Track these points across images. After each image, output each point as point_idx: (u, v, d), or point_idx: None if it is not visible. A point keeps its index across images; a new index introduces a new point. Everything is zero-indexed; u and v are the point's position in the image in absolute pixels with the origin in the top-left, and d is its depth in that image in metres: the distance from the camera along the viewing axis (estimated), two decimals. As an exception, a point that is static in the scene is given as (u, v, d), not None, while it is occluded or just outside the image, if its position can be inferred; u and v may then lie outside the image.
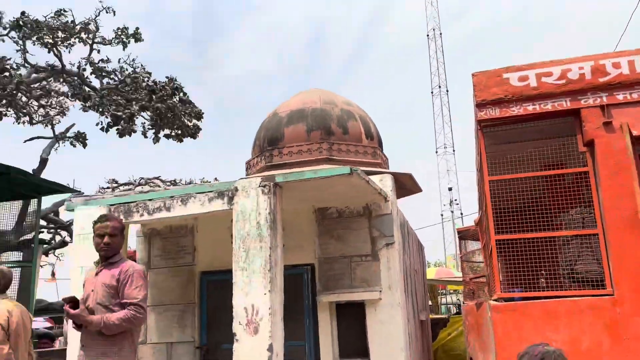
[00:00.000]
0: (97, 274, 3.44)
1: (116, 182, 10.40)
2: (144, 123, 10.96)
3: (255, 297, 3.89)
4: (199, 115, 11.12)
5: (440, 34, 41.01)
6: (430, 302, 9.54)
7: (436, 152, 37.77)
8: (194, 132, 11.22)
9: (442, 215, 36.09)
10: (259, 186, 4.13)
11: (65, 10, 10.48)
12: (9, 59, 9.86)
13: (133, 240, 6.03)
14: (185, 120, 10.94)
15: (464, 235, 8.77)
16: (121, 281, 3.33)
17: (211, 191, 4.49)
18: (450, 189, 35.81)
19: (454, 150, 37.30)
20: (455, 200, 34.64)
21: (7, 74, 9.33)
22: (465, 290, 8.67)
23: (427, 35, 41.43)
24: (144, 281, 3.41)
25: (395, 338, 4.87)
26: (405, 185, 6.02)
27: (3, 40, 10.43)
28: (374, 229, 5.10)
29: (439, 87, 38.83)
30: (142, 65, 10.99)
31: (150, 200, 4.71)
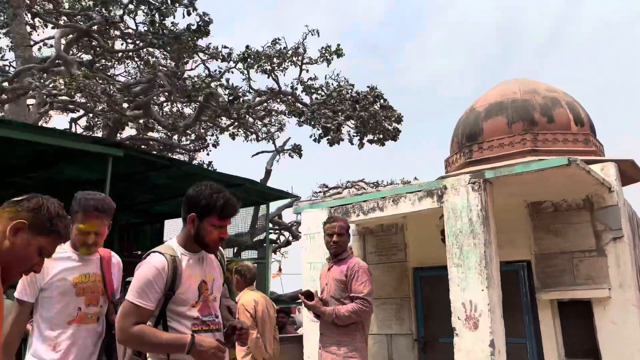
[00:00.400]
0: (329, 269, 4.06)
1: (326, 187, 11.36)
2: (349, 131, 11.69)
3: (473, 293, 4.12)
4: (398, 119, 11.44)
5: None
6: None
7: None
8: (394, 135, 11.57)
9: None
10: (469, 183, 4.33)
11: (278, 39, 11.86)
12: (240, 88, 11.45)
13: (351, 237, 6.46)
14: (386, 125, 11.30)
15: None
16: (349, 277, 3.92)
17: (420, 190, 4.81)
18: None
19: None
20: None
21: (239, 100, 10.88)
22: None
23: None
24: (368, 277, 3.89)
25: (632, 341, 4.66)
26: (626, 172, 5.57)
27: (232, 72, 12.19)
28: (598, 222, 4.94)
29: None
30: (345, 79, 11.81)
31: (364, 201, 5.21)
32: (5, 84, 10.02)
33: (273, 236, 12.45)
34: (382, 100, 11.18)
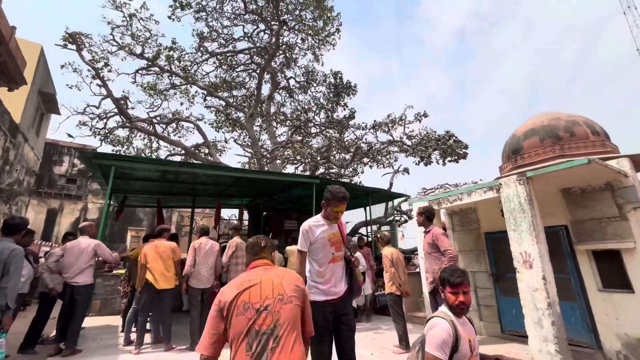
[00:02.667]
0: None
1: (425, 189, 10.77)
2: (436, 157, 10.95)
3: (526, 246, 3.59)
4: (466, 146, 10.43)
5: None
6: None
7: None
8: (464, 156, 10.61)
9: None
10: (516, 180, 3.82)
11: (391, 113, 12.07)
12: (374, 143, 11.62)
13: (443, 217, 6.13)
14: (458, 151, 10.42)
15: None
16: (434, 240, 3.67)
17: (484, 187, 4.37)
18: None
19: None
20: None
21: (372, 149, 10.99)
22: None
23: (637, 50, 28.86)
24: (444, 237, 3.72)
25: None
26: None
27: (368, 134, 12.50)
28: (619, 197, 3.97)
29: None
30: (431, 128, 11.46)
31: (449, 196, 4.85)
32: (267, 155, 11.43)
33: (398, 218, 12.11)
34: (454, 137, 10.43)
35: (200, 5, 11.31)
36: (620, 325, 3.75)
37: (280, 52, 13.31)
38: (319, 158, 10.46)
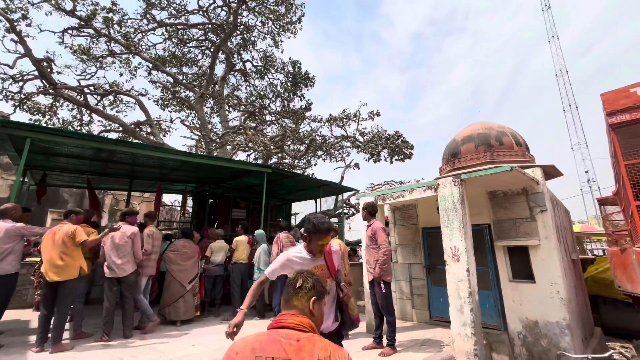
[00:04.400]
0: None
1: (373, 184, 11.22)
2: (384, 155, 11.48)
3: (456, 241, 3.97)
4: (412, 147, 11.10)
5: (567, 71, 33.74)
6: (577, 248, 7.56)
7: (572, 148, 31.30)
8: (410, 156, 11.31)
9: (581, 190, 31.56)
10: (452, 182, 4.18)
11: (346, 109, 12.32)
12: (328, 136, 11.69)
13: (387, 211, 6.44)
14: (405, 150, 11.06)
15: (603, 202, 6.84)
16: (373, 233, 4.01)
17: (424, 186, 4.72)
18: (587, 172, 29.70)
19: (587, 146, 32.04)
20: (593, 179, 31.24)
21: (326, 142, 11.07)
22: (609, 239, 6.70)
23: (556, 75, 34.43)
24: (382, 232, 3.96)
25: (554, 269, 4.33)
26: (549, 172, 5.10)
27: (322, 128, 12.41)
28: (531, 202, 4.59)
29: (569, 106, 32.65)
30: (382, 127, 11.80)
31: (393, 192, 5.13)
32: (217, 140, 10.88)
33: (346, 211, 12.50)
34: (402, 138, 11.05)
35: (149, -33, 10.15)
36: (522, 311, 4.41)
37: (238, 32, 12.64)
38: (272, 147, 10.27)
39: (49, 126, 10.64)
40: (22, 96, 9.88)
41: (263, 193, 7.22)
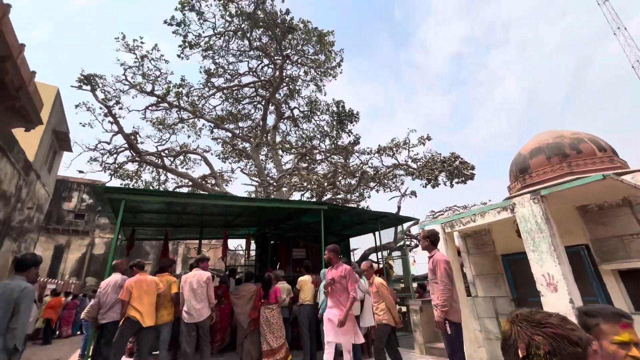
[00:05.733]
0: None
1: (433, 211, 10.58)
2: (442, 179, 10.88)
3: (548, 268, 3.42)
4: (472, 167, 10.44)
5: None
6: None
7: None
8: (472, 177, 10.53)
9: None
10: (530, 199, 3.73)
11: (394, 138, 12.19)
12: (380, 167, 11.64)
13: (457, 240, 5.93)
14: (465, 172, 10.37)
15: None
16: (434, 266, 3.41)
17: (497, 208, 4.27)
18: None
19: None
20: None
21: (378, 173, 11.00)
22: None
23: (632, 67, 30.26)
24: (444, 264, 3.36)
25: None
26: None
27: (373, 159, 12.48)
28: (638, 213, 3.78)
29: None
30: (436, 151, 11.43)
31: (462, 218, 4.74)
32: (273, 184, 11.49)
33: (408, 242, 11.83)
34: (459, 159, 10.43)
35: (208, 44, 11.99)
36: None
37: (284, 84, 13.84)
38: (325, 184, 10.46)
39: (137, 188, 12.40)
40: (116, 166, 11.83)
41: (321, 230, 7.25)
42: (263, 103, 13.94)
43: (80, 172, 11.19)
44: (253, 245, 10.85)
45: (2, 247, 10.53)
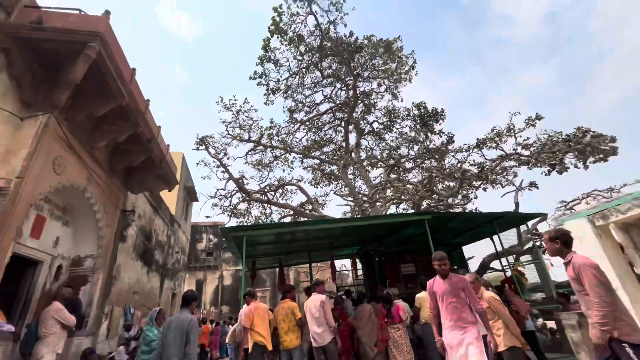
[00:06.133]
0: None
1: (565, 202, 8.74)
2: (570, 161, 9.00)
3: None
4: (612, 139, 8.32)
5: None
6: None
7: None
8: (613, 151, 8.32)
9: None
10: None
11: (495, 126, 10.94)
12: (484, 163, 10.43)
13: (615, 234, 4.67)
14: (603, 147, 8.31)
15: None
16: (577, 273, 2.55)
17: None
18: None
19: None
20: None
21: (484, 169, 9.92)
22: None
23: None
24: (591, 270, 2.48)
25: None
26: None
27: (472, 154, 11.33)
28: None
29: None
30: (553, 130, 9.64)
31: (619, 205, 3.77)
32: (368, 200, 11.45)
33: (538, 243, 9.98)
34: (590, 132, 8.41)
35: (287, 86, 13.30)
36: None
37: (359, 102, 14.08)
38: (422, 191, 9.88)
39: (251, 224, 14.14)
40: (232, 207, 13.81)
41: (429, 242, 6.78)
42: (342, 125, 14.41)
43: (207, 217, 13.46)
44: (359, 264, 10.86)
45: (164, 285, 13.29)
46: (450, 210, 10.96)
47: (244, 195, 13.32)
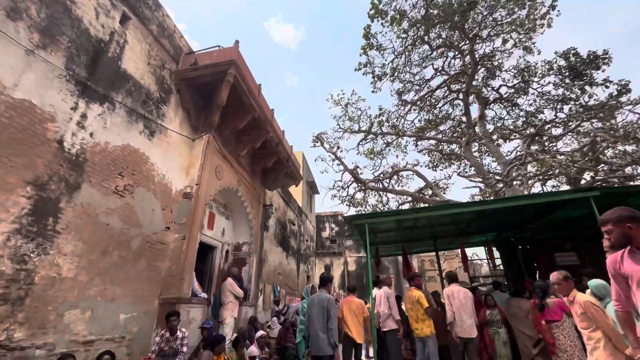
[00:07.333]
0: None
1: None
2: None
3: None
4: None
5: None
6: None
7: None
8: None
9: None
10: None
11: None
12: None
13: None
14: None
15: None
16: None
17: None
18: None
19: None
20: None
21: None
22: None
23: None
24: None
25: None
26: None
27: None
28: None
29: None
30: None
31: None
32: (500, 183, 9.90)
33: None
34: None
35: (392, 69, 12.77)
36: None
37: (480, 67, 12.15)
38: (583, 160, 7.77)
39: (371, 212, 14.45)
40: (349, 197, 14.42)
41: (594, 226, 5.29)
42: (461, 97, 12.78)
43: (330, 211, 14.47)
44: (496, 253, 9.52)
45: (300, 268, 15.18)
46: (631, 183, 8.21)
47: (359, 185, 13.67)
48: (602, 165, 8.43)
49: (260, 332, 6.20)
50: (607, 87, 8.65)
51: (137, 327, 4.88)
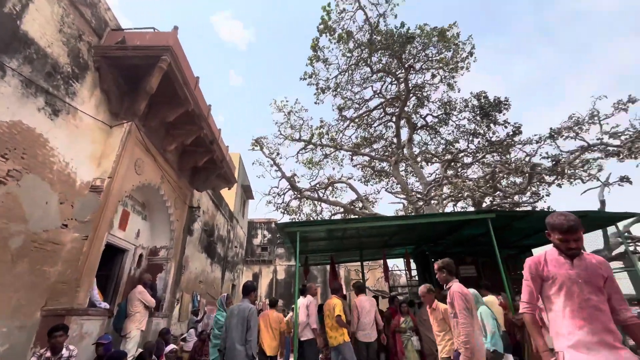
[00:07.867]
0: None
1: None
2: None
3: None
4: None
5: None
6: None
7: None
8: None
9: None
10: None
11: (573, 113, 9.49)
12: (560, 155, 9.34)
13: None
14: None
15: None
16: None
17: None
18: None
19: None
20: None
21: (560, 162, 8.78)
22: None
23: None
24: None
25: None
26: None
27: (543, 147, 10.14)
28: None
29: None
30: None
31: None
32: (423, 198, 10.93)
33: (622, 248, 8.54)
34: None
35: (336, 84, 13.33)
36: None
37: (412, 95, 13.49)
38: (484, 187, 9.08)
39: (304, 220, 14.52)
40: (284, 205, 14.33)
41: (493, 243, 6.22)
42: (393, 120, 13.95)
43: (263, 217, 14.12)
44: (413, 265, 10.44)
45: (225, 277, 14.34)
46: (518, 208, 9.91)
47: (295, 192, 13.72)
48: (498, 192, 10.05)
49: (171, 346, 5.62)
50: (505, 127, 10.55)
51: (5, 346, 3.95)
